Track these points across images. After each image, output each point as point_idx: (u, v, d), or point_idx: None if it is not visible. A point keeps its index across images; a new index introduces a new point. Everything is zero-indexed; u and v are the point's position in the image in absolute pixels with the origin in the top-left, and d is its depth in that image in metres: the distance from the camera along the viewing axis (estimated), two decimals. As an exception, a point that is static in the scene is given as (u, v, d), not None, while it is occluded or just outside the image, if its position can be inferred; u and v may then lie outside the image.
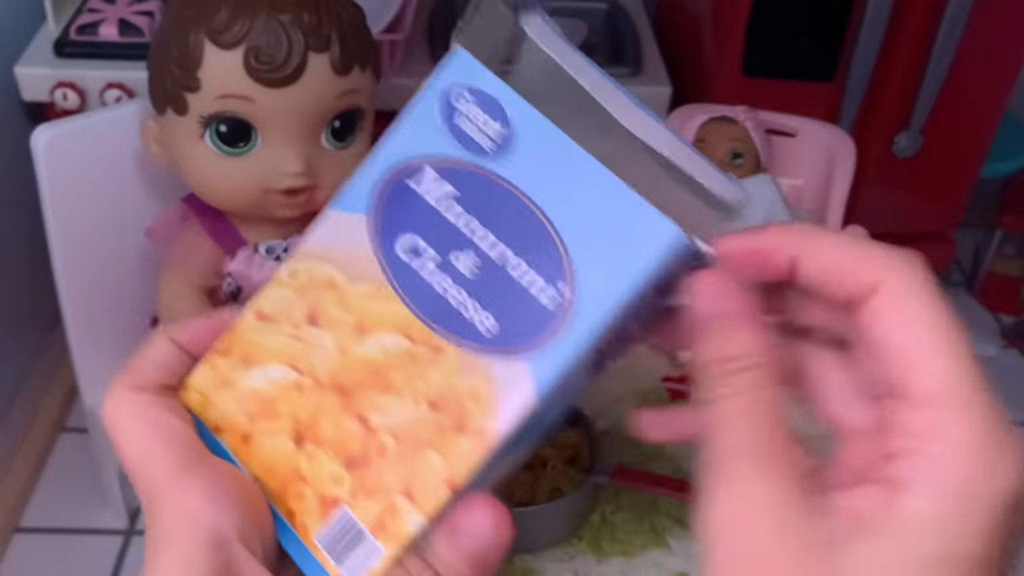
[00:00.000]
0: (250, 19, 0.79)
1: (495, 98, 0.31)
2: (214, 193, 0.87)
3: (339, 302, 0.32)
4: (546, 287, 0.30)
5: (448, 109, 0.31)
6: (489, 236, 0.31)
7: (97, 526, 1.29)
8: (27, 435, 1.34)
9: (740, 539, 0.26)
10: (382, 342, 0.32)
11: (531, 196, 0.30)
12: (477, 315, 0.31)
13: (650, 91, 1.25)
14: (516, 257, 0.30)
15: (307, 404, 0.33)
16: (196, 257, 0.92)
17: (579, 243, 0.30)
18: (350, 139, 0.88)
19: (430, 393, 0.31)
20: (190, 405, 0.34)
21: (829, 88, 1.24)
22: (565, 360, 0.30)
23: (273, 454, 0.33)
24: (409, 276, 0.31)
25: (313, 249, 0.33)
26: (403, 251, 0.32)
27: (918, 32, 1.20)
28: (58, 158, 0.93)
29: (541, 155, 0.30)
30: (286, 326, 0.33)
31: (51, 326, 1.36)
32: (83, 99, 1.13)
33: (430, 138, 0.31)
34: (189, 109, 0.82)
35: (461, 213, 0.31)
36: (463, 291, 0.31)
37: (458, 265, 0.31)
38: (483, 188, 0.31)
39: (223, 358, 0.34)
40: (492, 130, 0.31)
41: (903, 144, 1.29)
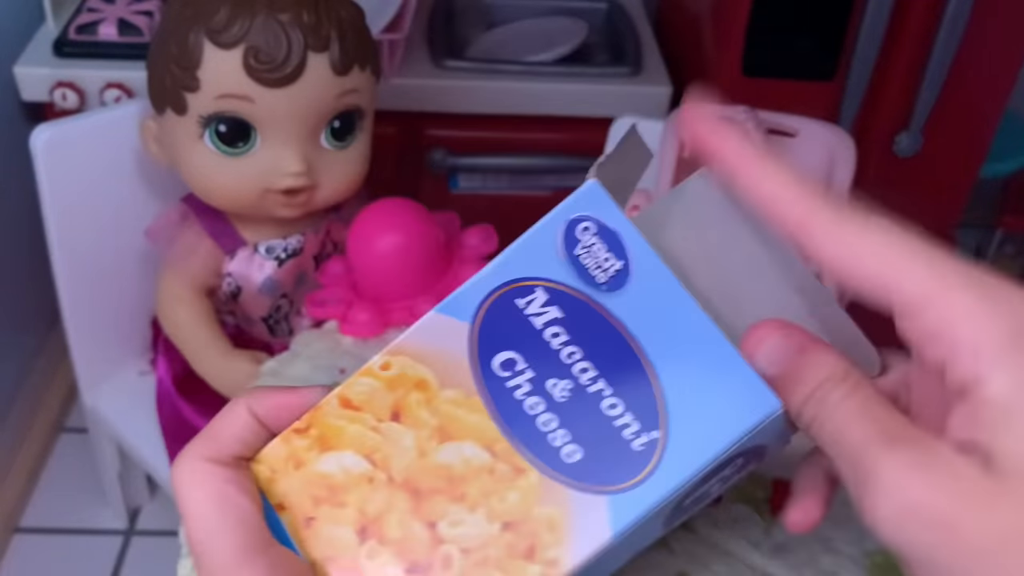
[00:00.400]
0: (249, 19, 0.79)
1: (618, 235, 0.31)
2: (214, 193, 0.87)
3: (426, 404, 0.32)
4: (639, 431, 0.30)
5: (572, 239, 0.32)
6: (589, 369, 0.31)
7: (97, 526, 1.29)
8: (27, 435, 1.34)
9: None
10: (463, 451, 0.32)
11: (637, 337, 0.30)
12: (564, 444, 0.31)
13: (650, 91, 1.25)
14: (613, 396, 0.30)
15: (377, 499, 0.32)
16: (196, 257, 0.92)
17: (677, 394, 0.30)
18: (350, 139, 0.88)
19: (505, 513, 0.31)
20: (258, 479, 0.33)
21: (829, 88, 1.24)
22: (645, 506, 0.30)
23: (334, 544, 0.32)
24: (502, 392, 0.31)
25: (410, 346, 0.33)
26: (499, 366, 0.32)
27: (919, 32, 1.20)
28: (58, 158, 0.93)
29: (654, 299, 0.31)
30: (369, 417, 0.33)
31: (51, 326, 1.36)
32: (82, 99, 1.13)
33: (547, 262, 0.32)
34: (188, 109, 0.82)
35: (565, 341, 0.31)
36: (555, 418, 0.31)
37: (553, 392, 0.31)
38: (590, 320, 0.31)
39: (300, 437, 0.33)
40: (611, 266, 0.31)
41: (903, 144, 1.29)
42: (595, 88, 1.24)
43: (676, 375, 0.30)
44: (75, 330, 1.03)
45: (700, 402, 0.30)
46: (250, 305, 0.95)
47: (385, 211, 0.82)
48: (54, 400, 1.41)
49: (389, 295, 0.79)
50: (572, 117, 1.25)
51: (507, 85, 1.24)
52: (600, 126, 1.09)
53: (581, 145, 1.22)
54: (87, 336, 1.04)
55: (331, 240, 0.96)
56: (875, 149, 1.28)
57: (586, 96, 1.24)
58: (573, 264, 0.31)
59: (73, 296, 1.00)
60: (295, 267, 0.94)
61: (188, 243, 0.92)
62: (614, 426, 0.30)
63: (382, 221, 0.81)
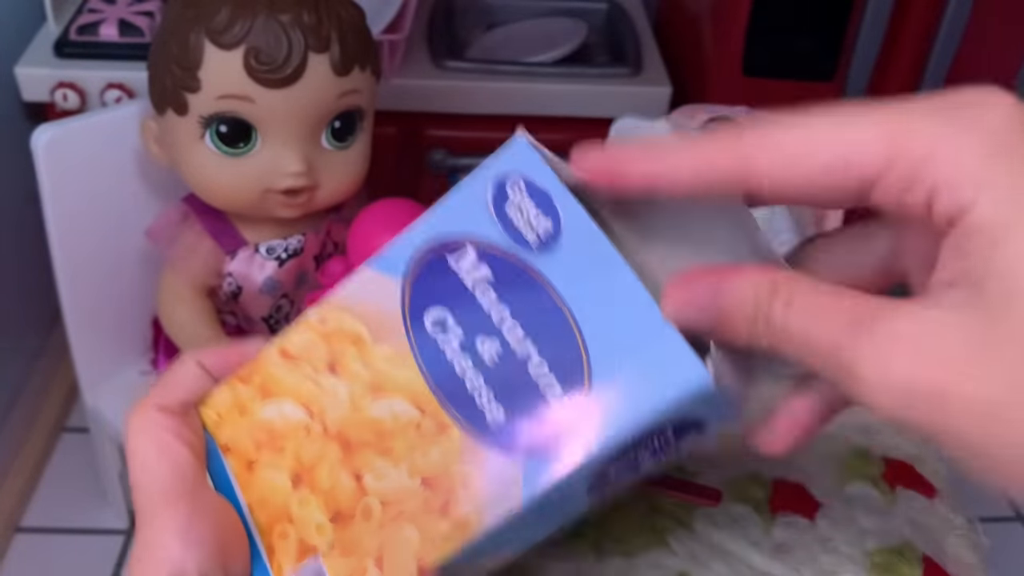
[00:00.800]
0: (250, 19, 0.79)
1: (548, 194, 0.30)
2: (214, 193, 0.88)
3: (360, 358, 0.33)
4: (560, 395, 0.29)
5: (501, 195, 0.31)
6: (517, 329, 0.30)
7: (97, 526, 1.29)
8: (27, 435, 1.34)
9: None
10: (393, 406, 0.32)
11: (565, 299, 0.30)
12: (488, 404, 0.30)
13: (650, 91, 1.25)
14: (539, 356, 0.30)
15: (311, 448, 0.33)
16: (196, 257, 0.92)
17: (604, 359, 0.29)
18: (350, 139, 0.88)
19: (426, 468, 0.31)
20: (206, 422, 0.35)
21: (829, 88, 1.24)
22: (560, 474, 0.29)
23: (270, 488, 0.34)
24: (432, 349, 0.31)
25: (344, 301, 0.33)
26: (430, 323, 0.32)
27: (919, 32, 1.20)
28: (58, 158, 0.93)
29: (583, 260, 0.30)
30: (307, 368, 0.34)
31: (51, 326, 1.36)
32: (83, 99, 1.13)
33: (477, 219, 0.31)
34: (189, 109, 0.83)
35: (495, 301, 0.31)
36: (481, 377, 0.31)
37: (481, 351, 0.31)
38: (520, 280, 0.30)
39: (243, 385, 0.35)
40: (540, 225, 0.30)
41: (903, 144, 1.29)
42: (595, 88, 1.24)
43: (604, 339, 0.29)
44: (76, 330, 1.03)
45: (627, 370, 0.28)
46: (251, 305, 0.95)
47: (385, 211, 0.82)
48: (55, 400, 1.42)
49: (389, 295, 0.80)
50: (572, 117, 1.25)
51: (507, 85, 1.24)
52: (600, 126, 1.09)
53: (581, 145, 1.22)
54: (88, 336, 1.05)
55: (331, 240, 0.96)
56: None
57: (586, 96, 1.24)
58: (503, 221, 0.31)
59: (74, 296, 1.01)
60: (296, 267, 0.94)
61: (189, 243, 0.92)
62: (537, 388, 0.30)
63: (382, 221, 0.81)
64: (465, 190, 0.32)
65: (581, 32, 1.32)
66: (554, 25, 1.37)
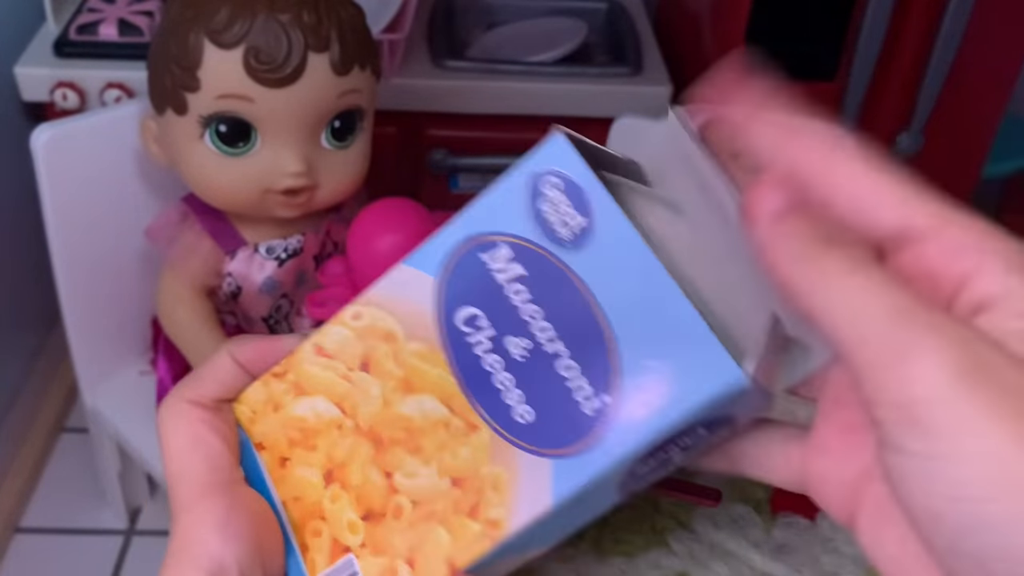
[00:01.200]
0: (250, 19, 0.79)
1: (583, 191, 0.30)
2: (214, 193, 0.87)
3: (393, 355, 0.33)
4: (591, 396, 0.29)
5: (535, 193, 0.31)
6: (548, 329, 0.30)
7: (97, 526, 1.29)
8: (27, 435, 1.34)
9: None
10: (423, 404, 0.32)
11: (596, 296, 0.30)
12: (517, 403, 0.30)
13: (650, 91, 1.25)
14: (569, 357, 0.30)
15: (343, 444, 0.33)
16: (196, 257, 0.92)
17: (635, 358, 0.29)
18: (350, 139, 0.88)
19: (455, 468, 0.31)
20: (240, 418, 0.35)
21: (830, 88, 1.24)
22: (590, 474, 0.29)
23: (303, 485, 0.34)
24: (462, 347, 0.31)
25: (379, 297, 0.34)
26: (461, 321, 0.31)
27: (919, 32, 1.20)
28: (58, 158, 0.93)
29: (616, 258, 0.29)
30: (340, 365, 0.34)
31: (51, 326, 1.36)
32: (83, 99, 1.13)
33: (512, 217, 0.31)
34: (189, 109, 0.82)
35: (527, 299, 0.31)
36: (511, 377, 0.30)
37: (511, 349, 0.31)
38: (552, 278, 0.30)
39: (278, 381, 0.35)
40: (574, 222, 0.30)
41: (904, 144, 1.29)
42: (595, 88, 1.24)
43: (634, 338, 0.29)
44: (75, 330, 1.03)
45: (657, 369, 0.28)
46: (250, 305, 0.95)
47: (385, 211, 0.82)
48: (54, 400, 1.41)
49: (389, 295, 0.79)
50: (572, 117, 1.25)
51: (507, 85, 1.24)
52: (600, 126, 1.08)
53: (581, 145, 1.22)
54: (87, 336, 1.05)
55: (331, 240, 0.96)
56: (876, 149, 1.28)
57: (586, 96, 1.24)
58: (537, 219, 0.31)
59: (73, 296, 1.00)
60: (295, 267, 0.94)
61: (188, 243, 0.92)
62: (567, 388, 0.30)
63: (382, 221, 0.81)
64: (500, 188, 0.32)
65: (581, 32, 1.32)
66: (554, 25, 1.37)
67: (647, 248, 0.29)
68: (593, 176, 0.30)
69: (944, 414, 0.21)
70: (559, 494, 0.29)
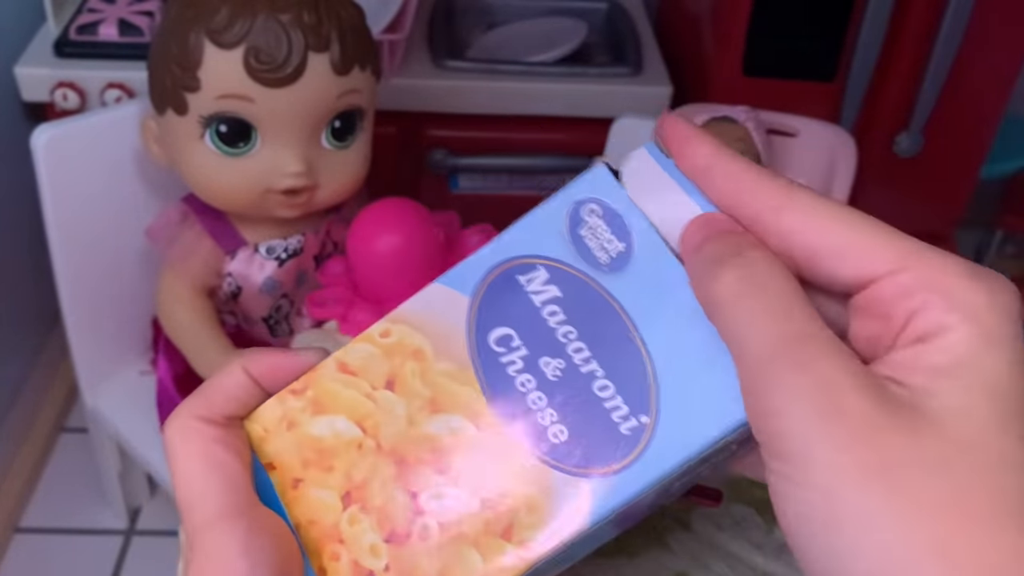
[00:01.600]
0: (250, 19, 0.79)
1: (623, 218, 0.31)
2: (214, 193, 0.87)
3: (421, 374, 0.32)
4: (627, 415, 0.29)
5: (576, 219, 0.31)
6: (584, 350, 0.30)
7: (97, 526, 1.29)
8: (27, 435, 1.34)
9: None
10: (451, 423, 0.32)
11: (634, 319, 0.30)
12: (552, 424, 0.30)
13: (650, 91, 1.25)
14: (605, 378, 0.30)
15: (362, 464, 0.32)
16: (196, 257, 0.92)
17: (671, 379, 0.29)
18: (350, 139, 0.88)
19: (486, 489, 0.31)
20: (251, 437, 0.34)
21: (830, 88, 1.24)
22: (629, 494, 0.29)
23: (319, 507, 0.33)
24: (495, 367, 0.31)
25: (409, 315, 0.33)
26: (495, 342, 0.31)
27: (919, 32, 1.20)
28: (58, 158, 0.93)
29: (654, 282, 0.30)
30: (364, 383, 0.33)
31: (51, 326, 1.36)
32: (83, 99, 1.13)
33: (551, 241, 0.31)
34: (189, 109, 0.82)
35: (562, 320, 0.31)
36: (544, 397, 0.30)
37: (546, 370, 0.31)
38: (589, 301, 0.31)
39: (295, 398, 0.34)
40: (613, 247, 0.31)
41: (904, 144, 1.29)
42: (595, 88, 1.24)
43: (671, 360, 0.29)
44: (75, 330, 1.03)
45: (694, 389, 0.29)
46: (250, 305, 0.95)
47: (385, 211, 0.82)
48: (54, 400, 1.41)
49: (389, 295, 0.79)
50: (572, 117, 1.25)
51: (507, 85, 1.24)
52: (600, 126, 1.09)
53: (581, 145, 1.22)
54: (87, 336, 1.04)
55: (331, 240, 0.96)
56: (875, 149, 1.28)
57: (586, 96, 1.24)
58: (576, 243, 0.31)
59: (73, 296, 1.00)
60: (295, 267, 0.94)
61: (188, 243, 0.92)
62: (604, 408, 0.30)
63: (382, 221, 0.81)
64: (540, 213, 0.32)
65: (581, 32, 1.32)
66: (554, 25, 1.37)
67: (684, 271, 0.30)
68: (633, 204, 0.31)
69: (797, 447, 0.24)
70: (596, 514, 0.29)
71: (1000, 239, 1.74)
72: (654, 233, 0.30)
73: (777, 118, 0.92)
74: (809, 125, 0.93)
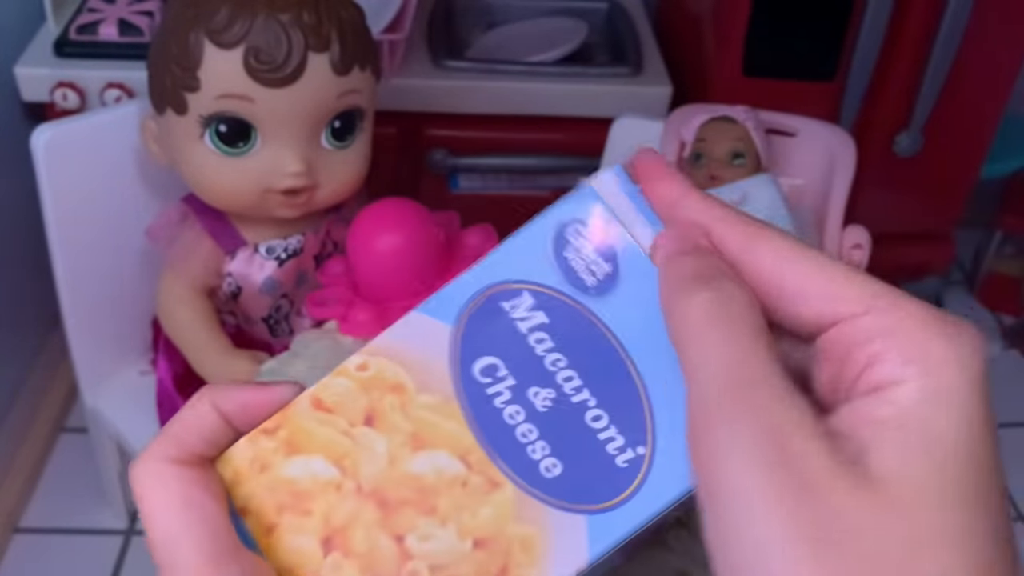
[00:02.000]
0: (250, 19, 0.79)
1: (609, 239, 0.30)
2: (214, 193, 0.88)
3: (401, 408, 0.30)
4: (623, 446, 0.28)
5: (562, 242, 0.30)
6: (574, 378, 0.29)
7: (97, 526, 1.29)
8: (27, 435, 1.34)
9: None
10: (435, 460, 0.30)
11: (625, 345, 0.29)
12: (544, 457, 0.29)
13: (650, 91, 1.25)
14: (598, 407, 0.29)
15: (344, 509, 0.30)
16: (196, 257, 0.92)
17: (666, 406, 0.28)
18: (350, 139, 0.88)
19: (477, 529, 0.29)
20: (223, 479, 0.32)
21: (829, 88, 1.24)
22: (629, 528, 0.28)
23: (297, 554, 0.31)
24: (481, 399, 0.30)
25: (388, 347, 0.31)
26: (480, 372, 0.30)
27: (919, 32, 1.20)
28: (58, 158, 0.93)
29: (644, 305, 0.29)
30: (341, 420, 0.31)
31: (51, 326, 1.36)
32: (83, 99, 1.13)
33: (536, 265, 0.30)
34: (189, 109, 0.82)
35: (550, 348, 0.30)
36: (535, 429, 0.29)
37: (535, 401, 0.29)
38: (578, 326, 0.29)
39: (267, 438, 0.32)
40: (600, 269, 0.30)
41: (904, 144, 1.29)
42: (595, 88, 1.24)
43: (665, 385, 0.28)
44: (75, 330, 1.03)
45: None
46: (250, 305, 0.95)
47: (385, 211, 0.82)
48: (54, 400, 1.41)
49: (389, 295, 0.80)
50: (572, 117, 1.25)
51: (507, 85, 1.24)
52: (600, 126, 1.09)
53: (581, 145, 1.22)
54: (87, 336, 1.04)
55: (331, 240, 0.96)
56: (875, 149, 1.28)
57: (586, 96, 1.24)
58: (562, 267, 0.30)
59: (73, 296, 1.00)
60: (295, 267, 0.94)
61: (188, 243, 0.92)
62: (598, 440, 0.29)
63: (382, 221, 0.81)
64: (524, 236, 0.31)
65: (581, 32, 1.32)
66: (554, 25, 1.37)
67: None
68: (620, 224, 0.30)
69: (735, 494, 0.23)
70: (595, 551, 0.28)
71: (1000, 239, 1.74)
72: (641, 253, 0.29)
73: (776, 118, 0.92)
74: (808, 125, 0.93)
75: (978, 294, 1.78)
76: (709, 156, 0.84)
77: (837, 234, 0.84)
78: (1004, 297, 1.77)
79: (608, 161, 1.04)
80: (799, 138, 0.92)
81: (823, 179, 0.90)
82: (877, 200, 1.30)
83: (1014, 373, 1.62)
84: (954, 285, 1.81)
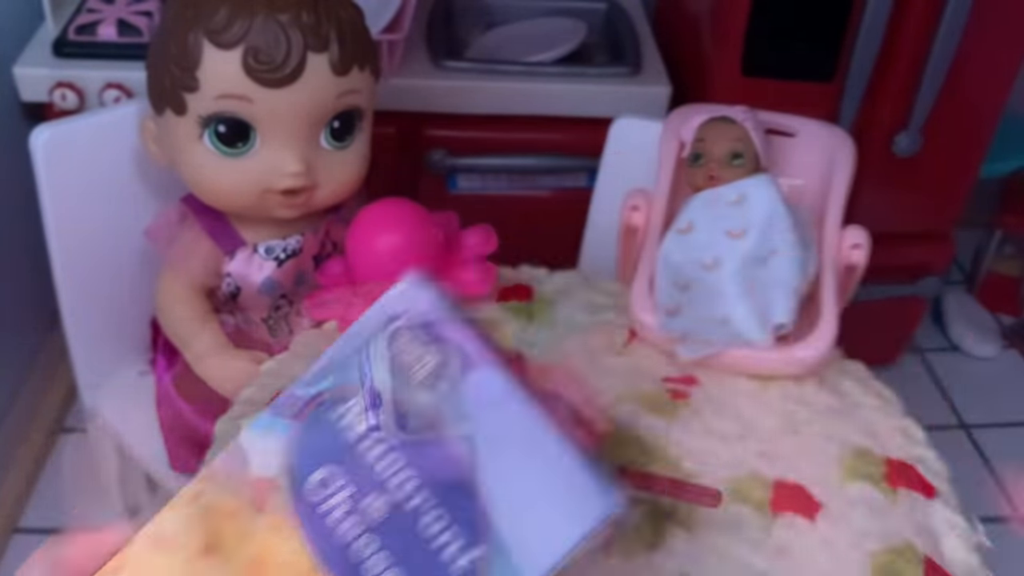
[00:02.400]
0: (249, 19, 0.79)
1: (437, 329, 0.29)
2: (213, 193, 0.88)
3: (240, 534, 0.30)
4: (460, 549, 0.28)
5: (391, 338, 0.30)
6: (409, 481, 0.28)
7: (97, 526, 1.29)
8: (27, 435, 1.34)
9: None
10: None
11: (461, 438, 0.28)
12: (385, 571, 0.28)
13: (649, 91, 1.25)
14: (435, 508, 0.28)
15: None
16: (195, 257, 0.92)
17: (506, 500, 0.27)
18: (349, 139, 0.88)
19: None
20: None
21: (829, 88, 1.24)
22: None
23: None
24: (316, 516, 0.29)
25: (222, 471, 0.31)
26: (315, 486, 0.29)
27: (918, 32, 1.20)
28: (57, 158, 0.93)
29: (481, 392, 0.28)
30: (180, 554, 0.30)
31: (51, 326, 1.36)
32: (82, 99, 1.13)
33: (365, 363, 0.30)
34: (188, 109, 0.82)
35: (385, 451, 0.29)
36: (372, 541, 0.28)
37: (370, 511, 0.29)
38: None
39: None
40: (430, 362, 0.29)
41: (903, 144, 1.29)
42: (595, 88, 1.24)
43: (505, 479, 0.27)
44: (75, 330, 1.03)
45: (533, 508, 0.27)
46: (250, 305, 0.95)
47: (384, 211, 0.82)
48: (53, 400, 1.41)
49: (389, 295, 0.79)
50: (572, 117, 1.25)
51: (507, 85, 1.24)
52: (600, 126, 1.09)
53: (581, 145, 1.22)
54: (87, 336, 1.04)
55: (331, 240, 0.96)
56: (875, 149, 1.28)
57: (586, 96, 1.24)
58: (391, 363, 0.29)
59: (73, 296, 1.00)
60: (295, 267, 0.94)
61: (187, 243, 0.92)
62: (432, 547, 0.28)
63: (381, 221, 0.81)
64: (348, 338, 0.30)
65: (581, 32, 1.32)
66: (554, 25, 1.37)
67: (511, 380, 0.28)
68: (453, 313, 0.29)
69: None
70: None
71: (999, 239, 1.74)
72: (476, 339, 0.29)
73: (776, 118, 0.92)
74: (808, 125, 0.93)
75: (978, 294, 1.78)
76: (708, 156, 0.84)
77: (836, 234, 0.84)
78: (1004, 297, 1.77)
79: (607, 161, 1.04)
80: (798, 138, 0.92)
81: (822, 179, 0.89)
82: (876, 200, 1.30)
83: (1014, 373, 1.62)
84: (954, 285, 1.81)
